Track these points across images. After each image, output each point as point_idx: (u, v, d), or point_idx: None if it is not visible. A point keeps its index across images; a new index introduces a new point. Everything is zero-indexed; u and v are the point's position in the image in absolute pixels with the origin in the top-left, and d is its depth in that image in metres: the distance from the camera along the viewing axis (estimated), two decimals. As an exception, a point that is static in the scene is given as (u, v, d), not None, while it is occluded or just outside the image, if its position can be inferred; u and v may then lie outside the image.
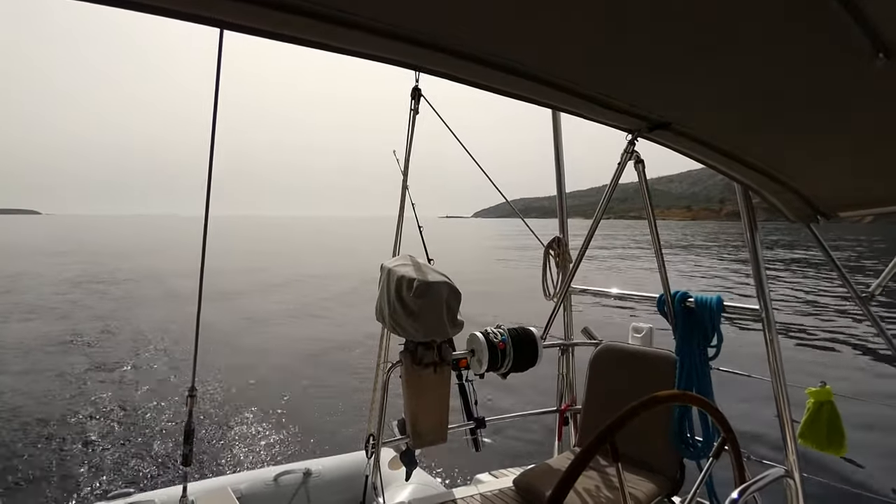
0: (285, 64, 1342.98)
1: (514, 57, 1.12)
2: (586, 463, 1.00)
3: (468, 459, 4.82)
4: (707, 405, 1.35)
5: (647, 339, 2.89)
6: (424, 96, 2.87)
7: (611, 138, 4.02)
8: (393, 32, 0.97)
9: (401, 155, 3.08)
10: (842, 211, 2.07)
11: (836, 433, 2.10)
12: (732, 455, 1.42)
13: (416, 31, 0.98)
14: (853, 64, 0.98)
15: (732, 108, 1.36)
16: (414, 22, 0.96)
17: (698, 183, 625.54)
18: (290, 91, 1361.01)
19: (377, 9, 0.90)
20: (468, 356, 2.73)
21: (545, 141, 3.55)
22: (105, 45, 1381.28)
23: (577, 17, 0.93)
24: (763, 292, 2.28)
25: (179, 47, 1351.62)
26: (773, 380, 2.25)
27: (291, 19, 0.88)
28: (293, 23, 0.89)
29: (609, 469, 2.45)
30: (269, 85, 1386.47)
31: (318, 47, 0.99)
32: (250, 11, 0.85)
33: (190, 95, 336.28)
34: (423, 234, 3.23)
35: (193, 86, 73.15)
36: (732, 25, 0.93)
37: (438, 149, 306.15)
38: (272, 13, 0.86)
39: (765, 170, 1.80)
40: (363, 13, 0.90)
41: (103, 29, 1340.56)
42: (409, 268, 2.46)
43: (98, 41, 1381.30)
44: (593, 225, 2.90)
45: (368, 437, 2.63)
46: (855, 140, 1.45)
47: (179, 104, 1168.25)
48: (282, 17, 0.87)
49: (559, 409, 3.24)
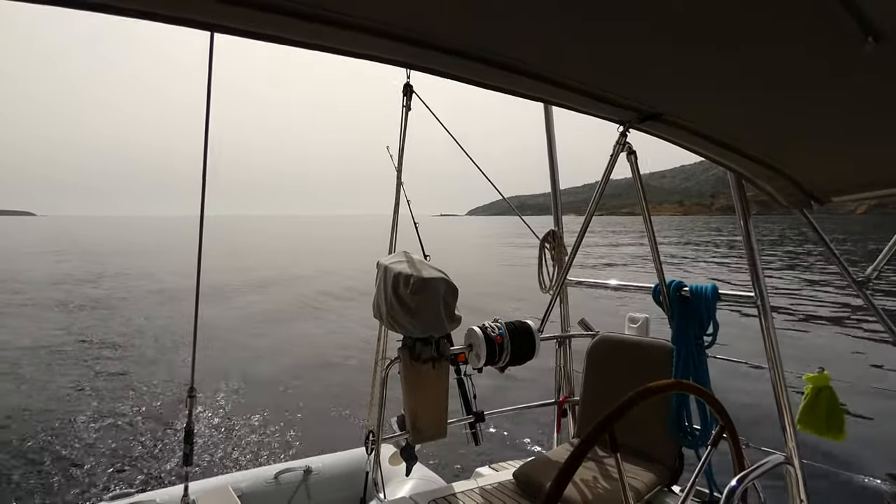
0: (273, 55, 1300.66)
1: (504, 52, 1.12)
2: (584, 455, 1.01)
3: (468, 453, 4.85)
4: (704, 394, 1.36)
5: (643, 329, 2.90)
6: (416, 93, 2.86)
7: (604, 137, 4.00)
8: (383, 31, 0.97)
9: (394, 151, 3.07)
10: (835, 196, 2.07)
11: (835, 418, 2.11)
12: (731, 443, 1.43)
13: (407, 28, 0.98)
14: (843, 49, 0.98)
15: (723, 96, 1.37)
16: (404, 20, 0.96)
17: (691, 178, 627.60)
18: (280, 88, 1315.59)
19: (368, 7, 0.90)
20: (466, 351, 2.74)
21: (539, 142, 3.54)
22: (105, 47, 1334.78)
23: (566, 11, 0.93)
24: (758, 280, 2.29)
25: (173, 50, 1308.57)
26: (770, 366, 2.26)
27: (281, 21, 0.88)
28: (284, 24, 0.89)
29: (608, 460, 2.46)
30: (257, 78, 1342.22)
31: (309, 48, 0.98)
32: (240, 14, 0.85)
33: (193, 95, 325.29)
34: (418, 230, 3.23)
35: (198, 86, 72.50)
36: (721, 14, 0.92)
37: (430, 147, 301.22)
38: (262, 14, 0.85)
39: (757, 157, 1.80)
40: (354, 12, 0.90)
41: (93, 29, 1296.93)
42: (405, 264, 2.46)
43: (97, 42, 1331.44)
44: (587, 217, 2.91)
45: (368, 433, 2.63)
46: (846, 124, 1.45)
47: (180, 104, 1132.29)
48: (273, 19, 0.87)
49: (557, 402, 3.25)
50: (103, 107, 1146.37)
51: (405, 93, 2.85)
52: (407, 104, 2.86)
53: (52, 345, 10.24)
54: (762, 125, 1.55)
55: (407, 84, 2.81)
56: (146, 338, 10.90)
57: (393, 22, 0.95)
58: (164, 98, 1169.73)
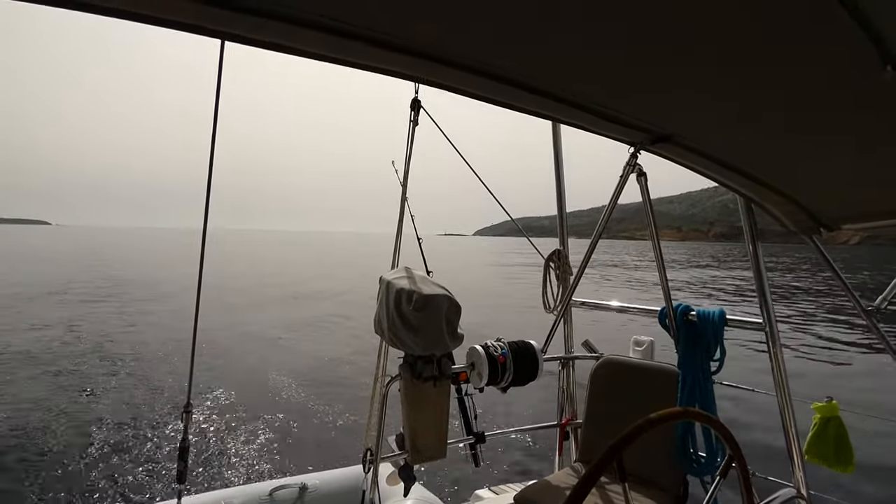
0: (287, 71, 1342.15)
1: (516, 69, 1.11)
2: (592, 485, 0.97)
3: (468, 475, 4.76)
4: (714, 422, 1.32)
5: (647, 352, 2.86)
6: (424, 108, 2.86)
7: (608, 161, 3.98)
8: (393, 43, 0.96)
9: (399, 166, 3.06)
10: (845, 223, 2.05)
11: (844, 449, 2.06)
12: (740, 474, 1.39)
13: (417, 42, 0.98)
14: (862, 76, 0.96)
15: (735, 120, 1.35)
16: (415, 33, 0.95)
17: (697, 204, 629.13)
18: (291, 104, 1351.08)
19: (378, 20, 0.89)
20: (468, 370, 2.69)
21: (545, 165, 3.54)
22: (120, 56, 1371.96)
23: (581, 32, 0.92)
24: (766, 305, 2.25)
25: (189, 59, 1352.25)
26: (778, 394, 2.21)
27: (292, 30, 0.88)
28: (294, 34, 0.89)
29: (612, 486, 2.40)
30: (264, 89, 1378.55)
31: (318, 59, 0.98)
32: (251, 23, 0.85)
33: (209, 105, 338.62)
34: (422, 246, 3.21)
35: (225, 94, 71.94)
36: (736, 39, 0.91)
37: (437, 165, 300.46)
38: (273, 24, 0.85)
39: (767, 182, 1.79)
40: (364, 24, 0.90)
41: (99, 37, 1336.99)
42: (408, 280, 2.43)
43: (111, 50, 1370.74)
44: (595, 237, 2.88)
45: (366, 451, 2.58)
46: (859, 152, 1.44)
47: (196, 116, 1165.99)
48: (283, 29, 0.87)
49: (560, 424, 3.19)
50: (121, 119, 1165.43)
51: (413, 107, 2.85)
52: (414, 119, 2.86)
53: (50, 355, 10.22)
54: (775, 150, 1.54)
55: (415, 99, 2.81)
56: (145, 350, 10.85)
57: (403, 35, 0.95)
58: (186, 112, 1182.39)
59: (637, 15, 0.86)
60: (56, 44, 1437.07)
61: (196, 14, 0.82)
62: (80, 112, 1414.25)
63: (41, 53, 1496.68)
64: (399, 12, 0.88)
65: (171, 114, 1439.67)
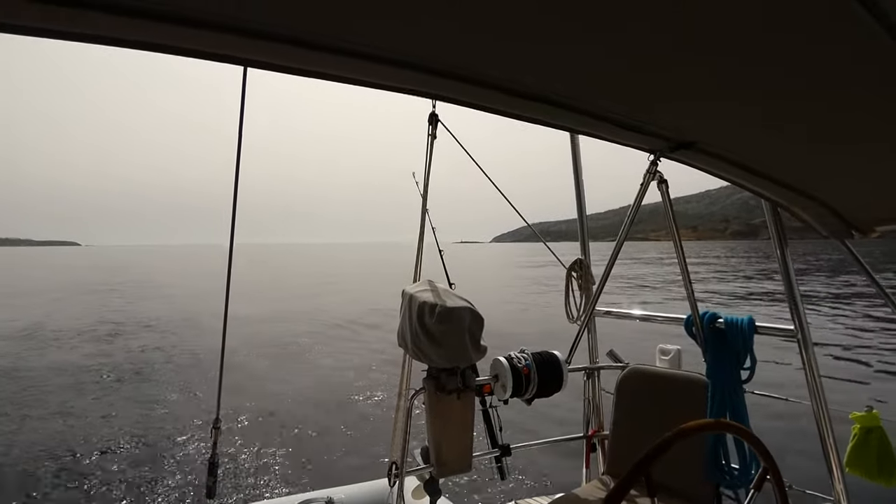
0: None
1: (534, 83, 1.12)
2: (621, 499, 0.96)
3: (493, 488, 4.71)
4: (747, 434, 1.28)
5: (674, 361, 2.80)
6: (442, 122, 2.89)
7: (629, 161, 3.95)
8: (409, 63, 0.98)
9: (419, 178, 3.09)
10: (878, 225, 1.99)
11: (887, 461, 1.97)
12: (775, 487, 1.34)
13: (432, 60, 0.99)
14: (881, 72, 0.94)
15: (757, 124, 1.33)
16: (430, 52, 0.96)
17: (716, 202, 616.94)
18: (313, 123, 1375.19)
19: (394, 40, 0.91)
20: (492, 382, 2.68)
21: (562, 167, 3.52)
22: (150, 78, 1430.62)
23: (602, 44, 0.92)
24: (797, 311, 2.19)
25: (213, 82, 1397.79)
26: (814, 403, 2.14)
27: (311, 55, 0.90)
28: (312, 58, 0.91)
29: (641, 499, 2.34)
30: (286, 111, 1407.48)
31: (336, 80, 1.00)
32: (271, 49, 0.87)
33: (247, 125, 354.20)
34: (443, 258, 3.21)
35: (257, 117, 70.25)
36: (755, 43, 0.90)
37: (455, 173, 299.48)
38: (294, 50, 0.88)
39: (793, 185, 1.75)
40: (380, 45, 0.91)
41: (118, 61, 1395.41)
42: (430, 293, 2.44)
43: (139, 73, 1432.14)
44: (617, 245, 2.85)
45: (391, 465, 2.57)
46: (887, 150, 1.40)
47: (229, 139, 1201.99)
48: (302, 54, 0.89)
49: (586, 436, 3.14)
50: (143, 139, 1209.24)
51: (431, 122, 2.88)
52: (432, 133, 2.89)
53: (81, 371, 10.47)
54: (801, 153, 1.50)
55: (433, 114, 2.84)
56: (173, 365, 11.06)
57: (418, 54, 0.96)
58: (211, 133, 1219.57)
59: (657, 24, 0.85)
60: (75, 70, 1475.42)
61: (217, 43, 0.84)
62: (103, 136, 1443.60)
63: (55, 79, 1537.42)
64: (416, 34, 0.89)
65: (191, 131, 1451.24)
